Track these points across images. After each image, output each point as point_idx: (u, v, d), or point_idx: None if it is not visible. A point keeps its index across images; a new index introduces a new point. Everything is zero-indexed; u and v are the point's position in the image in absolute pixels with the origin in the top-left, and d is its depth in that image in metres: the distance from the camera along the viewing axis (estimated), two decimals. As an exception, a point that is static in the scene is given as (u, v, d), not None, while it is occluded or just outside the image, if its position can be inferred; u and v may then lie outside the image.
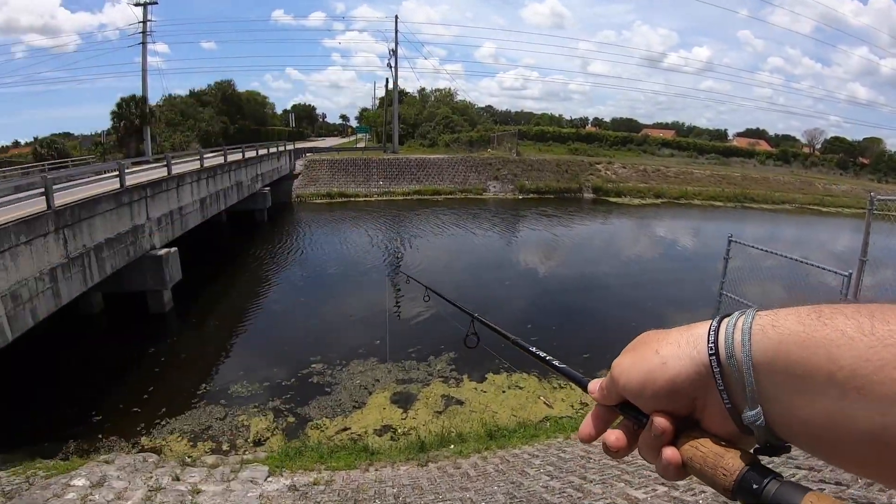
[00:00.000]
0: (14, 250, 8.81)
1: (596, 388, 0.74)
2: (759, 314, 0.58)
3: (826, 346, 0.50)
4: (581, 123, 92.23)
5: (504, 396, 10.13)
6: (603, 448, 0.69)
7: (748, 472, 0.55)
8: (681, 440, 0.62)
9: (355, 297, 16.41)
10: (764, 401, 0.55)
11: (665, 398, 0.63)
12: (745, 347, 0.56)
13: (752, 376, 0.55)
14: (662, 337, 0.66)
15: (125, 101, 40.63)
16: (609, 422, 0.72)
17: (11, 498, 5.69)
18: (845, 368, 0.48)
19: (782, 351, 0.53)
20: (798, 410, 0.52)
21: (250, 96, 71.16)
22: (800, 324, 0.53)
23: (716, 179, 42.24)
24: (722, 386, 0.58)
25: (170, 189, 16.22)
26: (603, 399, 0.72)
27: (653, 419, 0.63)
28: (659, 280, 18.44)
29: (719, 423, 0.61)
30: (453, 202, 35.72)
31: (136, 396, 10.20)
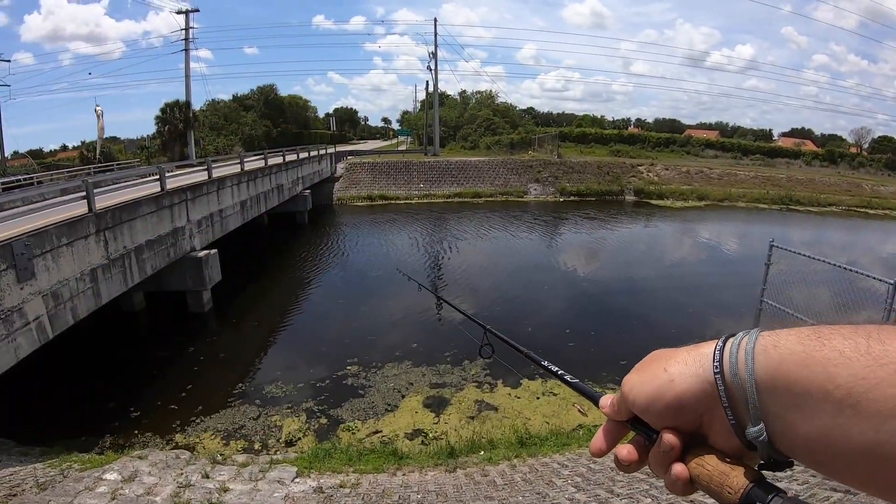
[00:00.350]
0: (56, 251, 9.06)
1: (607, 404, 0.77)
2: (762, 334, 0.60)
3: (824, 365, 0.52)
4: (623, 125, 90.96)
5: (538, 403, 9.93)
6: (615, 462, 0.72)
7: (753, 489, 0.57)
8: (689, 456, 0.64)
9: (395, 300, 16.40)
10: (766, 418, 0.57)
11: (673, 414, 0.65)
12: (748, 366, 0.58)
13: (754, 394, 0.57)
14: (671, 355, 0.69)
15: (169, 106, 41.80)
16: (619, 437, 0.75)
17: (45, 489, 5.81)
18: (842, 387, 0.50)
19: (783, 370, 0.55)
20: (798, 427, 0.54)
21: (292, 100, 72.22)
22: (800, 344, 0.55)
23: (760, 181, 40.91)
24: (726, 403, 0.60)
25: (210, 192, 16.53)
26: (614, 415, 0.75)
27: (662, 435, 0.65)
28: (701, 284, 17.93)
29: (725, 439, 0.63)
30: (494, 204, 35.53)
31: (174, 394, 10.39)
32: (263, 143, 53.82)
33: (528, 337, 13.20)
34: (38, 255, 8.56)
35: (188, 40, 40.34)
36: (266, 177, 22.90)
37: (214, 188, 16.92)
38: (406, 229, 28.41)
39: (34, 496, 5.61)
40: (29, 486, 5.82)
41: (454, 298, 16.34)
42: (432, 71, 47.09)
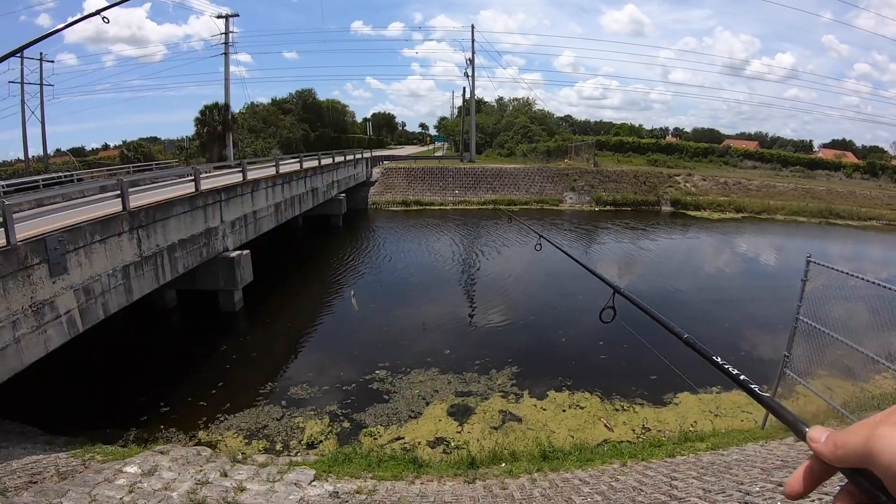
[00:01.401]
0: (89, 248, 9.28)
1: (823, 441, 0.65)
2: None
3: None
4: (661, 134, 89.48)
5: (563, 416, 9.76)
6: (788, 490, 0.67)
7: None
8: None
9: (427, 305, 16.45)
10: None
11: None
12: None
13: None
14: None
15: (208, 109, 42.74)
16: (824, 480, 0.66)
17: (65, 478, 5.90)
18: None
19: None
20: None
21: (330, 104, 73.19)
22: None
23: (799, 193, 39.70)
24: None
25: (244, 194, 16.77)
26: (836, 459, 0.62)
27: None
28: (738, 298, 17.45)
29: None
30: (529, 212, 35.31)
31: (203, 391, 10.58)
32: (301, 146, 54.64)
33: (563, 347, 13.07)
34: (71, 250, 8.77)
35: (228, 44, 41.16)
36: (301, 180, 23.17)
37: (249, 190, 17.16)
38: (440, 235, 28.43)
39: (53, 484, 5.71)
40: (49, 475, 5.93)
41: (488, 306, 16.26)
42: (469, 77, 47.19)
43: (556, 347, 13.08)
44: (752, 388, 1.00)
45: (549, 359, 12.30)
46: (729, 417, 9.65)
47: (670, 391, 10.53)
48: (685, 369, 11.58)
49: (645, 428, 9.34)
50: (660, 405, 10.11)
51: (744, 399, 10.25)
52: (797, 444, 6.68)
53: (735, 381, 0.99)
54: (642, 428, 9.35)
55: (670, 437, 8.67)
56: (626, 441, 8.79)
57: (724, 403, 10.14)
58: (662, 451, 7.45)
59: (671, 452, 7.35)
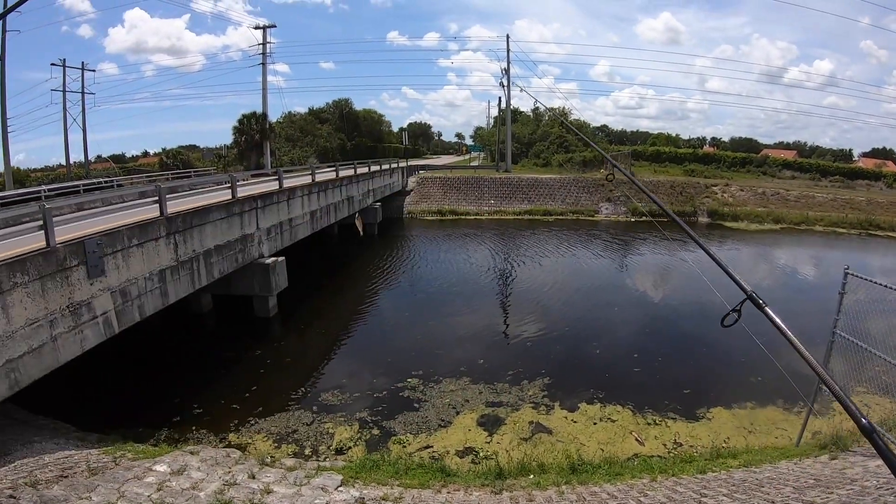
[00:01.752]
0: (126, 251, 9.54)
1: None
2: None
3: None
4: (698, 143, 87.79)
5: (594, 429, 9.56)
6: None
7: None
8: None
9: (461, 315, 16.37)
10: None
11: None
12: None
13: None
14: None
15: (246, 117, 43.68)
16: None
17: (95, 474, 6.02)
18: None
19: None
20: None
21: (367, 114, 73.99)
22: None
23: (839, 204, 38.30)
24: None
25: (280, 202, 17.04)
26: None
27: None
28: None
29: None
30: (564, 223, 34.98)
31: (237, 394, 10.73)
32: (338, 155, 55.34)
33: (596, 359, 12.85)
34: (109, 253, 9.03)
35: (265, 54, 42.21)
36: (336, 188, 23.45)
37: (285, 198, 17.43)
38: (475, 245, 28.34)
39: (84, 479, 5.82)
40: (80, 470, 6.05)
41: (522, 316, 16.13)
42: (505, 87, 47.17)
43: (590, 359, 12.86)
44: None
45: (582, 370, 12.11)
46: (763, 434, 9.31)
47: (703, 406, 10.25)
48: (717, 382, 11.36)
49: (676, 443, 9.08)
50: (692, 420, 9.82)
51: (779, 415, 9.97)
52: (831, 463, 6.50)
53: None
54: (674, 443, 9.09)
55: (702, 452, 8.41)
56: (656, 456, 8.53)
57: (758, 419, 9.83)
58: (693, 467, 7.24)
59: (702, 468, 7.14)
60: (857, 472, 6.09)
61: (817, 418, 8.95)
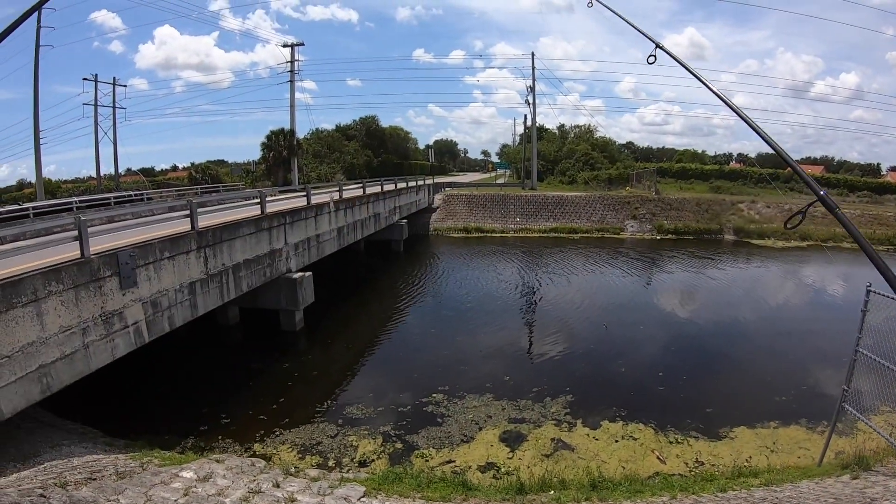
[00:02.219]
0: (158, 263, 9.80)
1: None
2: None
3: None
4: (725, 160, 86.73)
5: (616, 446, 9.45)
6: None
7: None
8: None
9: (486, 331, 16.35)
10: None
11: None
12: None
13: None
14: None
15: (274, 134, 44.57)
16: None
17: (122, 478, 6.15)
18: None
19: None
20: None
21: (393, 131, 74.92)
22: None
23: (867, 220, 37.29)
24: None
25: (308, 218, 17.31)
26: None
27: None
28: (804, 330, 16.58)
29: None
30: (590, 241, 34.75)
31: (260, 405, 10.87)
32: (364, 172, 55.98)
33: (620, 377, 12.72)
34: (141, 265, 9.28)
35: (293, 72, 43.06)
36: (363, 205, 23.72)
37: (312, 214, 17.70)
38: (501, 262, 28.34)
39: (112, 482, 5.96)
40: (108, 474, 6.19)
41: (547, 333, 16.09)
42: (530, 105, 47.35)
43: (614, 377, 12.72)
44: None
45: (606, 388, 12.01)
46: (785, 453, 9.11)
47: (726, 424, 10.05)
48: (741, 401, 11.15)
49: (698, 462, 8.92)
50: (715, 439, 9.64)
51: (802, 435, 9.75)
52: (852, 483, 6.38)
53: None
54: (695, 461, 8.93)
55: (723, 471, 8.27)
56: (677, 474, 8.41)
57: (781, 439, 9.61)
58: (714, 486, 7.12)
59: (723, 487, 7.02)
60: (877, 491, 6.00)
61: (841, 437, 8.76)
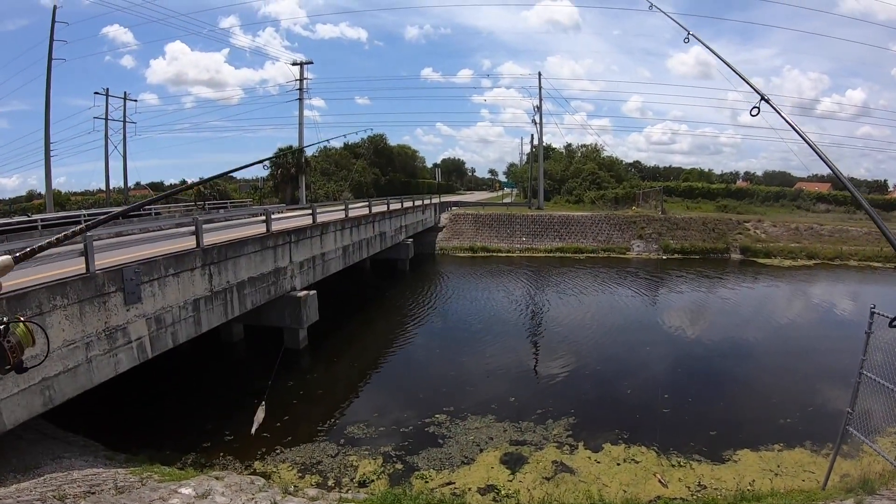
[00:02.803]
0: (162, 280, 9.92)
1: None
2: None
3: None
4: (731, 178, 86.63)
5: (618, 469, 9.36)
6: None
7: None
8: None
9: (490, 351, 16.28)
10: None
11: None
12: None
13: None
14: None
15: (282, 151, 44.65)
16: None
17: (122, 492, 6.17)
18: None
19: None
20: None
21: (401, 150, 75.57)
22: None
23: (874, 238, 36.96)
24: None
25: (314, 236, 17.46)
26: None
27: None
28: (810, 349, 16.48)
29: None
30: (595, 261, 34.74)
31: (263, 423, 10.84)
32: (372, 190, 56.34)
33: (626, 398, 12.70)
34: (146, 281, 9.40)
35: (302, 90, 43.67)
36: (369, 224, 23.88)
37: (318, 232, 17.84)
38: (507, 282, 28.34)
39: (110, 496, 5.99)
40: (107, 488, 6.22)
41: (552, 355, 16.07)
42: (537, 124, 47.74)
43: (617, 399, 12.67)
44: None
45: (609, 410, 11.98)
46: (790, 477, 9.00)
47: (730, 448, 9.95)
48: (746, 423, 11.06)
49: (700, 485, 8.82)
50: (718, 462, 9.54)
51: (807, 458, 9.64)
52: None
53: None
54: (698, 485, 8.83)
55: (726, 495, 8.20)
56: (679, 498, 8.34)
57: (785, 462, 9.52)
58: (715, 510, 7.09)
59: (724, 512, 6.99)
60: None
61: (846, 460, 8.67)
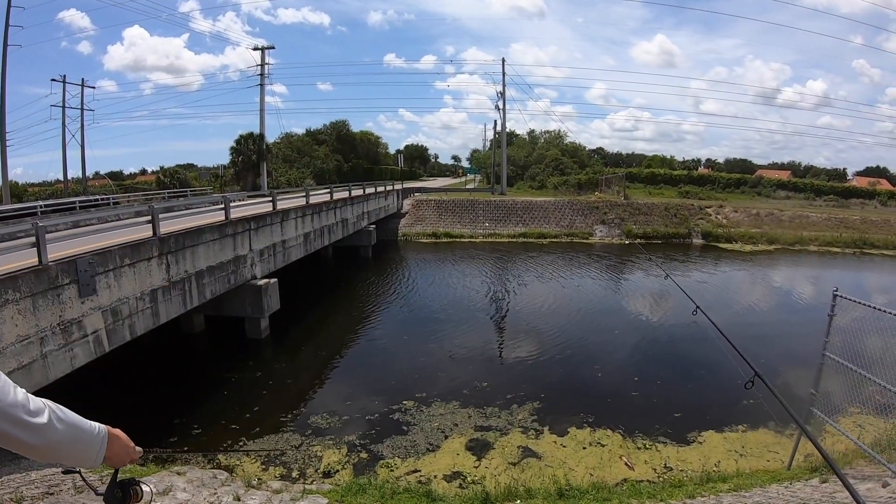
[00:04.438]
0: (118, 271, 9.65)
1: None
2: None
3: None
4: (693, 165, 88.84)
5: (584, 453, 9.49)
6: None
7: None
8: None
9: (454, 338, 16.29)
10: None
11: None
12: None
13: None
14: None
15: (243, 138, 44.19)
16: None
17: (81, 492, 6.03)
18: None
19: None
20: None
21: (364, 136, 74.80)
22: None
23: (833, 223, 38.67)
24: None
25: (274, 223, 17.18)
26: None
27: None
28: (773, 333, 16.95)
29: None
30: (559, 246, 35.15)
31: (224, 415, 10.77)
32: (335, 176, 55.79)
33: (591, 383, 12.86)
34: (101, 272, 9.13)
35: (263, 75, 43.00)
36: (331, 210, 23.63)
37: (278, 220, 17.58)
38: (470, 268, 28.42)
39: (69, 497, 5.85)
40: (66, 488, 6.08)
41: (517, 340, 16.22)
42: (500, 110, 47.83)
43: (580, 383, 12.80)
44: None
45: (573, 394, 12.11)
46: (755, 457, 9.30)
47: (695, 429, 10.23)
48: (711, 405, 11.35)
49: (667, 467, 9.04)
50: (683, 444, 9.79)
51: (771, 438, 9.95)
52: (821, 487, 6.50)
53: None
54: (664, 467, 9.05)
55: (692, 477, 8.40)
56: (645, 480, 8.50)
57: (750, 442, 9.82)
58: (682, 492, 7.22)
59: (691, 493, 7.13)
60: (846, 495, 6.04)
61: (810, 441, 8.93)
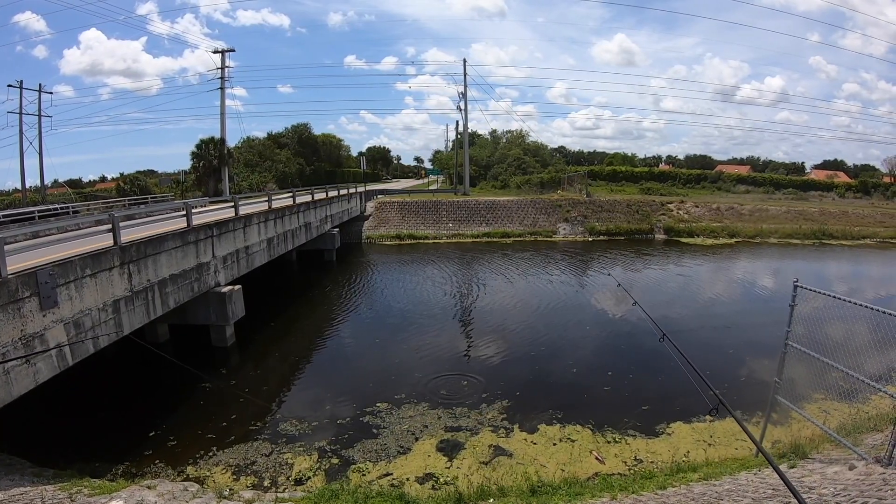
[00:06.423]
0: (80, 282, 9.44)
1: None
2: None
3: None
4: (654, 162, 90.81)
5: (554, 449, 9.65)
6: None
7: None
8: None
9: (420, 340, 16.33)
10: None
11: None
12: None
13: None
14: None
15: (204, 143, 43.49)
16: None
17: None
18: None
19: None
20: None
21: (326, 139, 74.33)
22: None
23: (792, 216, 40.13)
24: None
25: (237, 229, 16.98)
26: None
27: None
28: (736, 324, 17.53)
29: None
30: (523, 244, 35.53)
31: (192, 426, 10.61)
32: (297, 180, 55.29)
33: (559, 379, 13.03)
34: (62, 284, 8.91)
35: (224, 79, 42.18)
36: (294, 215, 23.43)
37: (241, 225, 17.37)
38: (435, 268, 28.51)
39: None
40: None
41: (482, 338, 16.34)
42: (462, 111, 47.92)
43: (549, 381, 12.97)
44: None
45: (541, 392, 12.23)
46: (723, 446, 9.57)
47: (663, 421, 10.50)
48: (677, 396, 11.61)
49: (637, 460, 9.24)
50: (652, 436, 10.03)
51: (738, 427, 10.13)
52: (790, 472, 6.65)
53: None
54: (634, 460, 9.25)
55: (662, 468, 8.59)
56: (616, 474, 8.66)
57: (717, 432, 10.09)
58: (653, 484, 7.37)
59: (662, 484, 7.28)
60: (815, 479, 6.26)
61: (776, 427, 9.21)
